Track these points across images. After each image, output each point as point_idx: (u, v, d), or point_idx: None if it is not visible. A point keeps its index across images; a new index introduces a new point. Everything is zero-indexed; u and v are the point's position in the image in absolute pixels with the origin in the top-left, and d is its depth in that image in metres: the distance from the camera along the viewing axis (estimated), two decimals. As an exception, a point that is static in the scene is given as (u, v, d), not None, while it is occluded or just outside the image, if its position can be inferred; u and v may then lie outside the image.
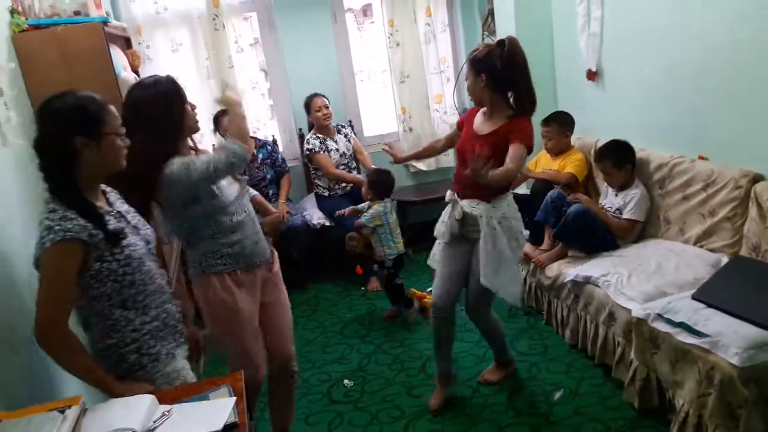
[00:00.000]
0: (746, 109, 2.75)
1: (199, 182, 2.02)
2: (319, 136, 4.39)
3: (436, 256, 2.81)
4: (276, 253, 2.44)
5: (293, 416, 2.59)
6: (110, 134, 1.69)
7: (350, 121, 4.80)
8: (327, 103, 4.34)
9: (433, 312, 2.78)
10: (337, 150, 4.41)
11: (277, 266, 2.41)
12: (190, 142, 2.21)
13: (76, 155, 1.65)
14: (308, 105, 4.37)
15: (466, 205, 2.60)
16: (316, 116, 4.32)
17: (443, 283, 2.73)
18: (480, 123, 2.63)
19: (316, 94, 4.36)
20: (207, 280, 2.18)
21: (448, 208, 2.74)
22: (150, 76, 2.11)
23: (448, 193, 2.73)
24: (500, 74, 2.49)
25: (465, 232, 2.66)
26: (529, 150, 2.49)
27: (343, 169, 4.44)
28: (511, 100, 2.56)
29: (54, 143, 1.64)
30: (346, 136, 4.52)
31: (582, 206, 3.16)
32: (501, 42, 2.52)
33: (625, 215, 3.19)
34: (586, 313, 2.96)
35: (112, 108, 1.72)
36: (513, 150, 2.43)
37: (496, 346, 2.94)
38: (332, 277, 4.49)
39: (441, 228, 2.77)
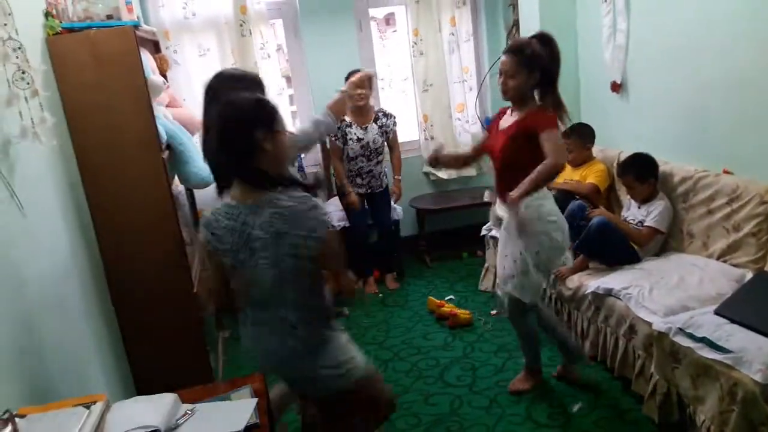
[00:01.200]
0: (772, 124, 2.73)
1: None
2: (347, 119, 4.19)
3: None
4: None
5: None
6: (281, 132, 1.79)
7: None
8: (370, 83, 4.04)
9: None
10: (359, 140, 4.19)
11: None
12: None
13: (256, 147, 1.72)
14: (347, 78, 4.21)
15: (500, 209, 2.70)
16: (352, 94, 4.18)
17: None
18: (506, 121, 2.65)
19: (355, 71, 4.19)
20: None
21: (491, 210, 2.92)
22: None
23: (487, 193, 2.95)
24: (548, 72, 2.50)
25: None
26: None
27: (361, 159, 4.23)
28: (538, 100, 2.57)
29: (241, 133, 1.72)
30: (381, 127, 4.27)
31: (604, 218, 3.15)
32: (543, 38, 2.52)
33: (647, 223, 3.17)
34: (607, 326, 2.94)
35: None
36: (546, 139, 2.39)
37: (529, 351, 2.94)
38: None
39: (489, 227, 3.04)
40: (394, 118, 4.37)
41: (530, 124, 2.48)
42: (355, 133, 4.21)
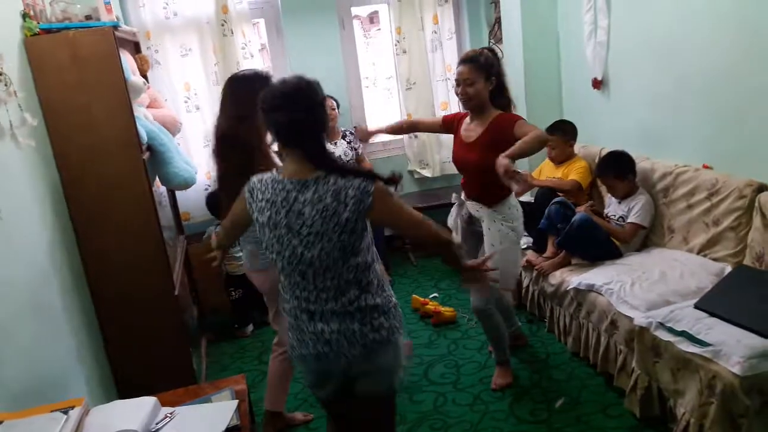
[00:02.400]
0: (752, 119, 2.76)
1: None
2: None
3: None
4: None
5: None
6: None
7: (355, 127, 4.72)
8: (334, 105, 4.33)
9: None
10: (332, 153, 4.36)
11: None
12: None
13: (324, 124, 1.75)
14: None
15: (471, 206, 2.83)
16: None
17: None
18: (467, 131, 2.77)
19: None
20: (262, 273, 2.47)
21: (455, 208, 2.99)
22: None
23: (454, 195, 2.97)
24: (500, 77, 2.69)
25: (473, 228, 2.90)
26: None
27: None
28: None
29: (315, 114, 1.71)
30: (350, 143, 4.48)
31: (586, 215, 3.17)
32: (490, 50, 2.77)
33: (630, 220, 3.20)
34: (589, 321, 2.96)
35: None
36: (522, 125, 2.56)
37: (497, 344, 2.99)
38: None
39: (451, 222, 3.03)
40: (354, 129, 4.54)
41: (503, 125, 2.61)
42: (331, 149, 4.30)
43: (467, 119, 2.80)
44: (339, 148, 4.42)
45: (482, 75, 2.62)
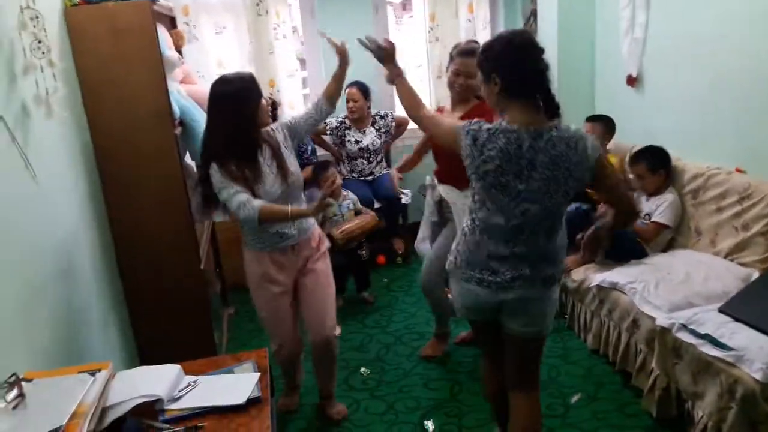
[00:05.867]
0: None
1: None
2: (345, 122, 4.35)
3: (426, 241, 3.14)
4: (323, 235, 2.68)
5: (335, 382, 2.79)
6: None
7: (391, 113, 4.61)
8: (359, 95, 4.24)
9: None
10: (357, 142, 4.32)
11: (322, 246, 2.63)
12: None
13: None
14: (344, 92, 4.34)
15: (443, 189, 2.93)
16: (346, 106, 4.29)
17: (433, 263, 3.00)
18: (448, 116, 2.88)
19: (352, 84, 4.25)
20: (249, 252, 2.49)
21: (429, 192, 3.09)
22: (232, 74, 2.34)
23: (428, 178, 3.08)
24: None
25: (442, 212, 3.02)
26: None
27: (361, 162, 4.35)
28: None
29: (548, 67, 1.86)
30: (379, 129, 4.41)
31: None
32: (474, 41, 2.96)
33: (654, 218, 3.17)
34: (610, 319, 2.95)
35: None
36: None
37: (441, 318, 3.20)
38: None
39: (428, 210, 3.12)
40: (391, 113, 4.54)
41: (485, 110, 2.66)
42: (353, 136, 4.36)
43: (446, 109, 2.98)
44: (367, 137, 4.37)
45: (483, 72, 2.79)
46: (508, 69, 1.81)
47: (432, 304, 3.19)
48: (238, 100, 2.25)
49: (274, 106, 4.12)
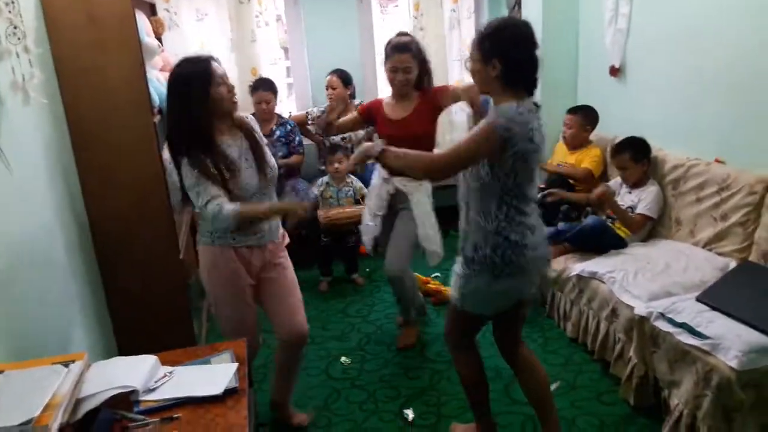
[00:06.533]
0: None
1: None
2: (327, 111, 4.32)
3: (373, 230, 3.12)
4: (286, 234, 2.52)
5: (293, 389, 2.63)
6: None
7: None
8: (338, 83, 4.18)
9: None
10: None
11: (285, 239, 2.51)
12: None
13: None
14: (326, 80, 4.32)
15: (399, 181, 2.95)
16: (326, 94, 4.26)
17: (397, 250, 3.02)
18: (394, 111, 2.95)
19: (332, 72, 4.23)
20: (212, 249, 2.30)
21: (379, 187, 3.06)
22: (194, 56, 2.22)
23: (382, 172, 3.00)
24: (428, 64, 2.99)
25: (394, 204, 3.04)
26: None
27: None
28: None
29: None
30: None
31: (600, 219, 3.21)
32: (406, 33, 3.03)
33: (639, 210, 3.19)
34: (589, 308, 2.97)
35: None
36: (447, 91, 2.92)
37: (406, 306, 3.23)
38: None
39: (375, 203, 3.09)
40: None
41: (430, 95, 2.93)
42: None
43: (387, 101, 2.99)
44: None
45: (417, 62, 2.87)
46: (513, 56, 1.88)
47: (398, 292, 3.15)
48: (188, 84, 2.11)
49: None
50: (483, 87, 2.00)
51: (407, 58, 2.81)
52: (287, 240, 2.53)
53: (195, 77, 2.12)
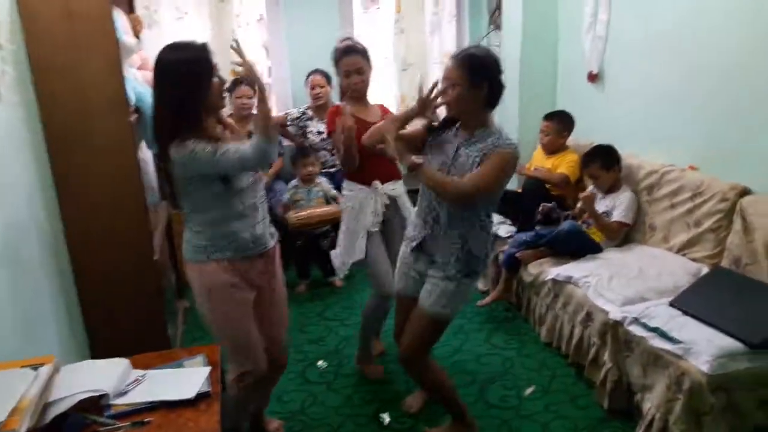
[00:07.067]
0: (742, 124, 2.78)
1: (224, 170, 1.96)
2: (307, 112, 4.31)
3: (366, 252, 2.81)
4: (277, 242, 2.31)
5: (269, 399, 2.59)
6: None
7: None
8: (324, 81, 4.21)
9: (393, 302, 2.67)
10: (319, 133, 4.24)
11: (277, 255, 2.31)
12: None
13: None
14: (307, 80, 4.33)
15: (388, 187, 2.82)
16: (310, 93, 4.27)
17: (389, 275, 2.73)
18: (362, 114, 2.78)
19: (315, 71, 4.25)
20: (208, 268, 2.05)
21: (369, 201, 2.78)
22: (184, 41, 2.09)
23: (373, 183, 2.78)
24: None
25: (387, 215, 2.84)
26: None
27: (323, 153, 4.26)
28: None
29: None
30: None
31: (575, 224, 3.24)
32: (349, 37, 2.99)
33: (615, 217, 3.23)
34: (564, 313, 2.99)
35: None
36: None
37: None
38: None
39: (370, 219, 2.78)
40: None
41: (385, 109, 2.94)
42: (315, 127, 4.29)
43: (347, 108, 2.64)
44: (322, 125, 4.26)
45: (371, 67, 2.85)
46: (497, 81, 2.13)
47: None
48: (197, 65, 1.97)
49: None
50: (464, 109, 2.16)
51: (358, 59, 2.80)
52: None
53: (204, 61, 2.00)
